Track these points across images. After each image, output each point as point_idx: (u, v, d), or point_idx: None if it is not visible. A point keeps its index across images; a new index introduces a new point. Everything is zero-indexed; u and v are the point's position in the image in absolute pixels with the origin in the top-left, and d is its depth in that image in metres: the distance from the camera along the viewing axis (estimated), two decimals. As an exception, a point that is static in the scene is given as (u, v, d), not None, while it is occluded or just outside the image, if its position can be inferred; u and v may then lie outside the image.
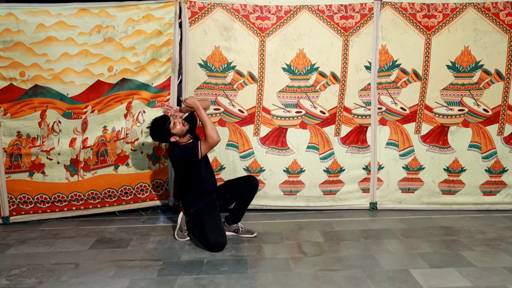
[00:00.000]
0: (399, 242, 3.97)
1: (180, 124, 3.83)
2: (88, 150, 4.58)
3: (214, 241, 3.76)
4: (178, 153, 3.88)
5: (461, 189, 4.90)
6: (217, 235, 3.79)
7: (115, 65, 4.48)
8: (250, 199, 4.17)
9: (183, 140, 3.90)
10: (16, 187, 4.52)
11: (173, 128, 3.79)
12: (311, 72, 4.73)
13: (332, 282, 3.15)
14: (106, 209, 4.76)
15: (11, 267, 3.48)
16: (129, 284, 3.14)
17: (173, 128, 3.79)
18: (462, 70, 4.70)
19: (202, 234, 3.84)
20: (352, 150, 4.88)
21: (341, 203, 4.96)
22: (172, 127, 3.79)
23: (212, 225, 3.85)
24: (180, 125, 3.82)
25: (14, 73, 4.31)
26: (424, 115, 4.82)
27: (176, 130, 3.80)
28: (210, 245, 3.77)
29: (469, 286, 3.07)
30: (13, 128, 4.42)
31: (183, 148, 3.88)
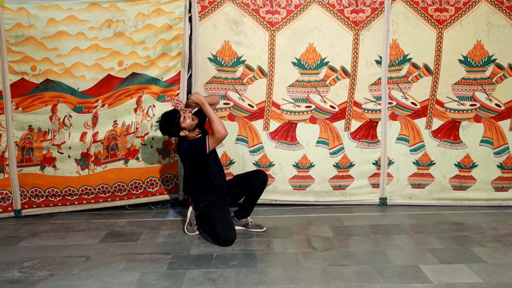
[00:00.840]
0: (409, 238, 3.96)
1: (190, 118, 3.86)
2: (98, 144, 4.62)
3: (224, 236, 3.76)
4: (187, 148, 3.91)
5: (472, 184, 4.87)
6: (226, 230, 3.80)
7: (125, 60, 4.50)
8: (260, 193, 4.15)
9: (192, 134, 3.93)
10: (27, 180, 4.56)
11: (182, 123, 3.82)
12: (321, 66, 4.71)
13: (341, 277, 3.15)
14: (116, 203, 4.80)
15: (23, 259, 3.52)
16: (139, 277, 3.17)
17: (182, 123, 3.82)
18: (474, 64, 4.66)
19: (212, 228, 3.86)
20: (362, 145, 4.86)
21: (351, 198, 4.95)
22: (182, 122, 3.82)
23: (222, 219, 3.87)
24: (189, 120, 3.85)
25: (26, 68, 4.34)
26: (435, 110, 4.78)
27: (185, 124, 3.83)
28: (220, 240, 3.77)
29: (480, 282, 3.05)
30: (24, 122, 4.46)
31: (191, 143, 3.91)
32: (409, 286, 3.00)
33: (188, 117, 3.86)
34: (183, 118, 3.83)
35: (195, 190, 4.09)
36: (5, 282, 3.11)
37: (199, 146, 3.87)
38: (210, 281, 3.09)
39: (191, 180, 4.11)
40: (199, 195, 4.03)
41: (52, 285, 3.07)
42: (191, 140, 3.93)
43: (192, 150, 3.89)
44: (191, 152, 3.91)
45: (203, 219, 3.97)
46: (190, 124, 3.86)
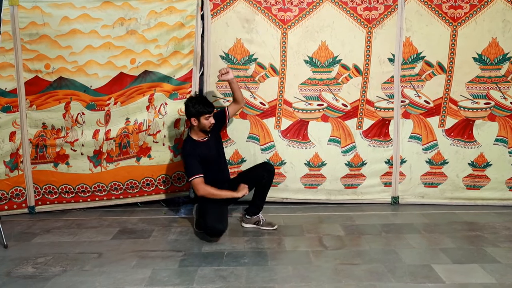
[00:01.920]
0: (421, 237, 3.94)
1: (209, 119, 3.96)
2: (111, 142, 4.65)
3: (210, 226, 3.77)
4: (188, 150, 3.96)
5: (486, 184, 4.82)
6: (215, 221, 3.80)
7: (138, 58, 4.53)
8: (269, 185, 4.18)
9: (199, 134, 4.02)
10: (41, 177, 4.62)
11: (206, 118, 3.92)
12: (333, 64, 4.70)
13: (352, 276, 3.14)
14: (128, 200, 4.84)
15: (37, 255, 3.57)
16: (150, 274, 3.19)
17: (206, 118, 3.92)
18: (489, 62, 4.61)
19: (203, 219, 3.84)
20: (374, 143, 4.84)
21: (363, 197, 4.93)
22: (206, 116, 3.93)
23: (214, 211, 3.86)
24: (212, 120, 3.98)
25: (40, 66, 4.39)
26: (449, 108, 4.74)
27: (206, 121, 3.94)
28: (208, 229, 3.80)
29: (493, 283, 3.02)
30: (38, 120, 4.51)
31: (194, 144, 4.00)
32: (421, 285, 2.99)
33: (212, 120, 3.97)
34: (209, 117, 3.95)
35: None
36: (19, 278, 3.15)
37: (220, 115, 4.20)
38: (221, 279, 3.10)
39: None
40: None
41: (65, 281, 3.10)
42: (196, 142, 4.02)
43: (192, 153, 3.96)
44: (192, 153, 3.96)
45: (200, 213, 3.98)
46: (209, 123, 3.96)
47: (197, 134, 4.03)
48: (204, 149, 4.00)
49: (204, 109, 3.91)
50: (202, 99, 4.01)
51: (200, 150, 3.96)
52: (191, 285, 3.03)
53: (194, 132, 4.04)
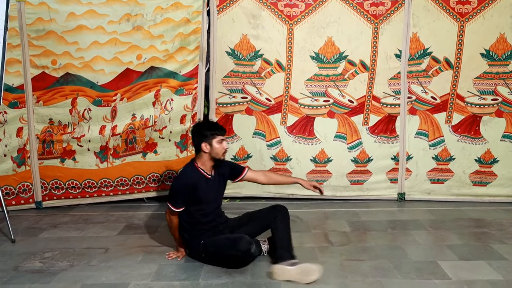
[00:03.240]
0: (427, 234, 3.93)
1: (222, 144, 3.31)
2: (117, 138, 4.67)
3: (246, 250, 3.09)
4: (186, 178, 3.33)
5: (493, 180, 4.80)
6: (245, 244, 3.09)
7: (144, 53, 4.53)
8: (286, 222, 3.36)
9: (207, 166, 3.34)
10: (48, 173, 4.64)
11: (219, 142, 3.28)
12: (339, 60, 4.68)
13: (358, 272, 3.14)
14: (134, 195, 4.85)
15: (44, 250, 3.59)
16: (157, 269, 3.20)
17: (219, 142, 3.28)
18: (497, 58, 4.58)
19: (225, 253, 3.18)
20: (380, 139, 4.83)
21: (369, 193, 4.92)
22: (219, 141, 3.28)
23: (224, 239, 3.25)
24: (221, 145, 3.30)
25: (46, 61, 4.41)
26: (456, 104, 4.72)
27: (220, 144, 3.28)
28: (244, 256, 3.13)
29: (500, 279, 3.01)
30: (45, 115, 4.53)
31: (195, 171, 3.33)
32: (427, 282, 2.98)
33: (225, 145, 3.34)
34: (222, 141, 3.31)
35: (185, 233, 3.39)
36: (27, 272, 3.17)
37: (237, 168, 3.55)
38: (226, 274, 3.11)
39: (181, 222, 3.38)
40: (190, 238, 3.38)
41: (72, 275, 3.12)
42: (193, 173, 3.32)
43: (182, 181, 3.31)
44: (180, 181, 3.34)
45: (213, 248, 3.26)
46: (223, 148, 3.30)
47: (204, 165, 3.34)
48: (203, 183, 3.31)
49: (217, 130, 3.29)
50: (211, 122, 3.55)
51: (197, 181, 3.29)
52: (197, 280, 3.04)
53: (201, 162, 3.34)
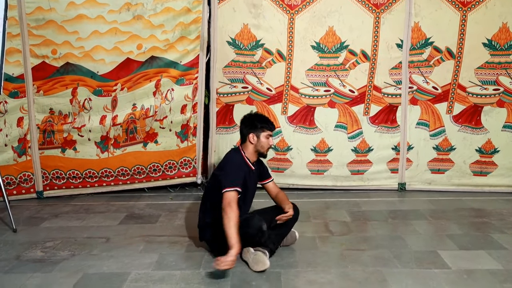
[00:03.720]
0: (427, 223, 3.94)
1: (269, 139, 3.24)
2: (118, 128, 4.66)
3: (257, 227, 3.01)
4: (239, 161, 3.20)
5: (493, 170, 4.80)
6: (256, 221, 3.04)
7: (144, 43, 4.51)
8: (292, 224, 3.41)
9: (252, 157, 3.25)
10: (49, 162, 4.65)
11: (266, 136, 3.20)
12: (340, 50, 4.66)
13: (358, 262, 3.15)
14: (135, 185, 4.86)
15: (46, 239, 3.60)
16: (158, 259, 3.22)
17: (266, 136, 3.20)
18: (499, 48, 4.55)
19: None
20: (381, 129, 4.82)
21: (369, 183, 4.93)
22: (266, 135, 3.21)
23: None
24: (268, 140, 3.23)
25: (46, 51, 4.39)
26: (457, 94, 4.70)
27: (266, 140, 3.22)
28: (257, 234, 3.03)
29: (499, 269, 3.02)
30: (45, 105, 4.52)
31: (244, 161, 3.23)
32: (427, 271, 2.99)
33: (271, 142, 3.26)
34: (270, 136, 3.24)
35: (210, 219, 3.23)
36: (29, 261, 3.19)
37: (265, 172, 3.36)
38: (227, 264, 3.12)
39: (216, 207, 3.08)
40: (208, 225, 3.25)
41: (73, 265, 3.13)
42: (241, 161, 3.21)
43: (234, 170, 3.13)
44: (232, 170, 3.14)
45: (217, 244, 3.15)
46: (269, 144, 3.23)
47: (250, 156, 3.24)
48: (248, 177, 3.20)
49: (267, 124, 3.22)
50: (263, 116, 3.37)
51: (245, 174, 3.17)
52: (198, 269, 3.05)
53: (248, 152, 3.24)
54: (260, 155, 3.29)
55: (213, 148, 4.89)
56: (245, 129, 3.26)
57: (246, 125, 3.27)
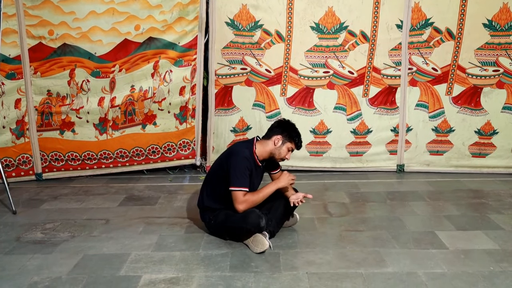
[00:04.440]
0: (425, 205, 3.97)
1: (288, 152, 3.22)
2: (116, 109, 4.65)
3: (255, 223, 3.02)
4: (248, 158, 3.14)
5: (492, 152, 4.81)
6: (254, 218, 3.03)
7: (142, 24, 4.47)
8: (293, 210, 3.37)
9: (264, 155, 3.20)
10: (47, 144, 4.65)
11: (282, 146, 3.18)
12: (340, 31, 4.63)
13: (357, 242, 3.18)
14: (134, 167, 4.87)
15: (46, 221, 3.62)
16: (157, 240, 3.24)
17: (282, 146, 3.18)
18: (499, 28, 4.53)
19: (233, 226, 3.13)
20: (380, 111, 4.82)
21: (368, 165, 4.94)
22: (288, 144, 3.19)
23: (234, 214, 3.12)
24: (288, 152, 3.22)
25: (43, 32, 4.35)
26: (457, 75, 4.69)
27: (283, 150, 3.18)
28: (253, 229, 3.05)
29: (496, 249, 3.05)
30: (43, 87, 4.50)
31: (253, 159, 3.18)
32: (425, 251, 3.02)
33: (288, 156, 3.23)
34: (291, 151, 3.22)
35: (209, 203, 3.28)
36: (29, 243, 3.21)
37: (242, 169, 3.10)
38: (227, 245, 3.14)
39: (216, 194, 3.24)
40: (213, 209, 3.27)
41: (73, 246, 3.16)
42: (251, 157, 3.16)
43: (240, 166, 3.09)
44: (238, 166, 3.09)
45: (224, 225, 3.19)
46: (284, 157, 3.21)
47: (262, 153, 3.19)
48: (254, 173, 3.19)
49: (299, 140, 3.24)
50: (299, 133, 3.29)
51: (251, 170, 3.15)
52: (197, 250, 3.07)
53: (261, 149, 3.19)
54: (271, 158, 3.23)
55: (212, 130, 4.89)
56: (278, 129, 3.23)
57: (283, 128, 3.23)
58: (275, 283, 2.62)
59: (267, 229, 3.12)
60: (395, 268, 2.79)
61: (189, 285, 2.60)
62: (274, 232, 3.22)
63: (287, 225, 3.42)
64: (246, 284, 2.61)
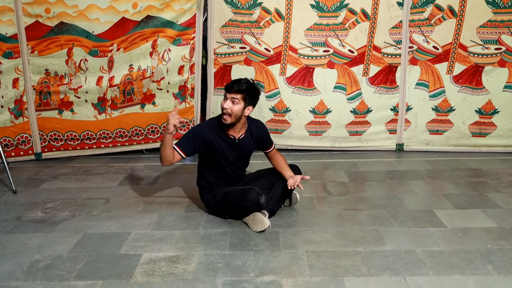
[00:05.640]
0: (424, 183, 3.99)
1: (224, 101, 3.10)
2: (115, 89, 4.64)
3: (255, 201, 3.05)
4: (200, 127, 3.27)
5: (492, 131, 4.81)
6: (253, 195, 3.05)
7: (140, 2, 4.43)
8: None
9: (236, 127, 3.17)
10: (46, 124, 4.65)
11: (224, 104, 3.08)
12: (340, 9, 4.59)
13: (356, 221, 3.20)
14: (133, 147, 4.88)
15: (46, 200, 3.65)
16: (157, 219, 3.27)
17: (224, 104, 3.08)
18: (502, 5, 4.48)
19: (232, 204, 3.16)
20: (380, 90, 4.80)
21: (367, 144, 4.95)
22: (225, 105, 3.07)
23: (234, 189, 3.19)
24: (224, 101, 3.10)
25: (40, 10, 4.31)
26: (458, 54, 4.66)
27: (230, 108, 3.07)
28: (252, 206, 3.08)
29: (494, 227, 3.08)
30: (41, 66, 4.48)
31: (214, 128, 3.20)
32: (423, 230, 3.05)
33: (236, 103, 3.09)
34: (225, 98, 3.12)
35: (202, 181, 3.34)
36: (30, 222, 3.24)
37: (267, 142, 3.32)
38: (226, 224, 3.17)
39: (201, 170, 3.35)
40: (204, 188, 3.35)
41: (74, 225, 3.18)
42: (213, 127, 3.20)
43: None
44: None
45: (222, 203, 3.22)
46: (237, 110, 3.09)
47: (234, 127, 3.16)
48: (222, 144, 3.19)
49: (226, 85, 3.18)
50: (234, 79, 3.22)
51: (212, 139, 3.16)
52: (197, 229, 3.10)
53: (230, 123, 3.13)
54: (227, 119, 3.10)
55: (211, 109, 4.88)
56: (253, 100, 3.21)
57: (256, 96, 3.24)
58: (274, 261, 2.66)
59: (267, 207, 3.15)
60: (393, 246, 2.82)
61: (189, 264, 2.64)
62: (274, 211, 3.24)
63: (287, 204, 3.44)
64: (245, 262, 2.64)
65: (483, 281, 2.43)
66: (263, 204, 3.06)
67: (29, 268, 2.60)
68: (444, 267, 2.57)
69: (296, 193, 3.47)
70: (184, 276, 2.51)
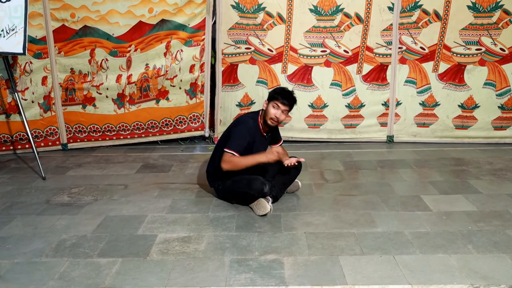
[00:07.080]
0: (412, 172, 3.96)
1: (276, 110, 3.09)
2: (132, 86, 4.62)
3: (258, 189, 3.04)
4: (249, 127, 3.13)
5: (473, 124, 4.78)
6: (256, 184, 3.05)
7: (155, 7, 4.39)
8: (295, 176, 3.37)
9: (264, 125, 3.18)
10: (71, 118, 4.64)
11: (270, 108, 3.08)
12: (336, 13, 4.54)
13: (350, 206, 3.19)
14: (149, 138, 4.87)
15: (71, 186, 3.65)
16: (171, 203, 3.26)
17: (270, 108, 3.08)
18: (482, 10, 4.43)
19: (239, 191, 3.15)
20: (372, 87, 4.77)
21: (361, 136, 4.92)
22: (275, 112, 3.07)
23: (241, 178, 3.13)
24: (275, 111, 3.09)
25: (66, 15, 4.29)
26: (443, 54, 4.61)
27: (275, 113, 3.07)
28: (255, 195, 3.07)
29: (474, 210, 3.06)
30: (67, 65, 4.47)
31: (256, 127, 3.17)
32: (411, 213, 3.03)
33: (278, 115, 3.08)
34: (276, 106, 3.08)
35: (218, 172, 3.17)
36: (57, 205, 3.24)
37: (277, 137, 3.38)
38: (233, 208, 3.17)
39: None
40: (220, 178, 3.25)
41: (96, 208, 3.19)
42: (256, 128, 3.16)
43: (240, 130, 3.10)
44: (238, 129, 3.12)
45: (231, 191, 3.21)
46: (274, 116, 3.08)
47: (264, 123, 3.18)
48: (258, 141, 3.18)
49: (281, 95, 3.09)
50: (284, 89, 3.19)
51: (255, 138, 3.15)
52: (207, 213, 3.10)
53: (262, 118, 3.18)
54: (265, 123, 3.13)
55: (219, 104, 4.86)
56: (268, 97, 3.17)
57: (269, 93, 3.20)
58: (276, 242, 2.65)
59: (271, 194, 3.13)
60: (384, 228, 2.81)
61: (200, 243, 2.64)
62: (277, 197, 3.23)
63: (290, 191, 3.43)
64: (250, 243, 2.64)
65: (464, 259, 2.43)
66: (267, 192, 3.05)
67: (57, 246, 2.61)
68: (429, 246, 2.56)
69: (298, 181, 3.45)
70: (195, 255, 2.51)
